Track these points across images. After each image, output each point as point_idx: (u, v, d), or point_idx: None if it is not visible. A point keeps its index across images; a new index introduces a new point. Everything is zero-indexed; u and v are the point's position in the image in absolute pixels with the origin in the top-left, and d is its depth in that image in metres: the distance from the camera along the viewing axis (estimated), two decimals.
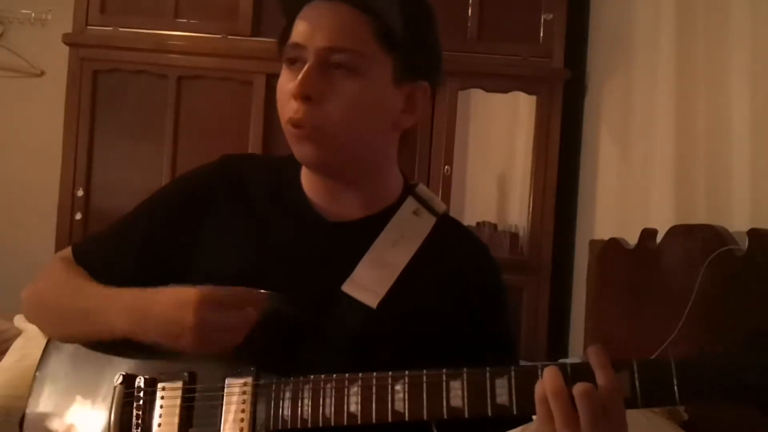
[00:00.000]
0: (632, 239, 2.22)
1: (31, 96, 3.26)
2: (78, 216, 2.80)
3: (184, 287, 0.92)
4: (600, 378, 0.77)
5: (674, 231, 1.94)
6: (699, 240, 1.76)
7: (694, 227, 1.83)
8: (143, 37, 2.82)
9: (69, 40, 2.83)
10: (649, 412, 1.70)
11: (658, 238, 2.03)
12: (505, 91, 2.88)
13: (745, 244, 1.56)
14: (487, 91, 2.88)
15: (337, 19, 0.93)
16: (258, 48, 2.79)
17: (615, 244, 2.34)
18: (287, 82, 0.96)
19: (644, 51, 2.41)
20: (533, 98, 2.85)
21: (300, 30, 0.95)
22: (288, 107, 0.95)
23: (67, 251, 1.10)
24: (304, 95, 0.93)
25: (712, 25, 1.94)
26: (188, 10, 2.87)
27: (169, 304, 0.91)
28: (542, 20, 2.84)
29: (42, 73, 3.27)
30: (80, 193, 2.81)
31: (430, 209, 1.05)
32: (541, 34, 2.85)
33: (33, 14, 3.24)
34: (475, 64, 2.82)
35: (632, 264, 2.19)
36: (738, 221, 1.71)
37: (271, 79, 2.79)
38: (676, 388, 0.75)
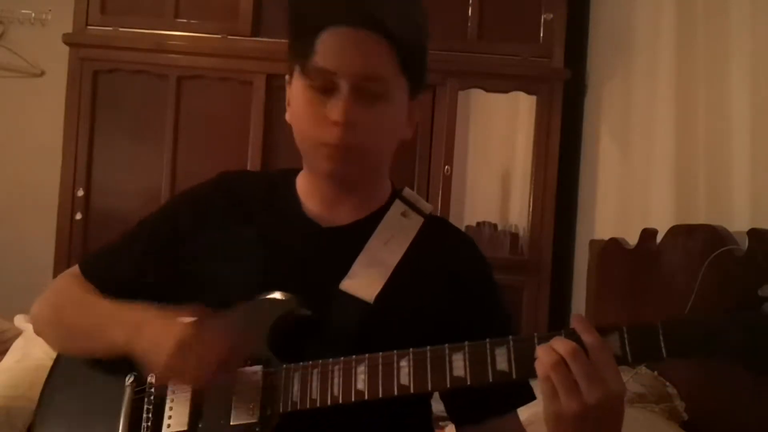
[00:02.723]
0: (632, 239, 2.22)
1: (31, 96, 3.26)
2: (78, 216, 2.80)
3: (179, 316, 0.96)
4: (586, 338, 0.83)
5: (674, 231, 1.94)
6: (699, 240, 1.76)
7: (694, 227, 1.83)
8: (143, 37, 2.83)
9: (69, 40, 2.83)
10: (648, 412, 1.70)
11: (658, 238, 2.03)
12: (505, 91, 2.88)
13: (745, 244, 1.57)
14: (487, 91, 2.88)
15: (367, 48, 0.97)
16: (258, 48, 2.80)
17: (615, 244, 2.34)
18: (316, 105, 0.99)
19: (644, 51, 2.41)
20: (533, 98, 2.85)
21: (329, 55, 0.97)
22: (322, 131, 0.98)
23: (75, 269, 1.15)
24: (346, 123, 0.97)
25: (712, 25, 1.94)
26: (188, 10, 2.87)
27: (156, 329, 0.96)
28: (542, 20, 2.84)
29: (42, 73, 3.27)
30: (80, 193, 2.81)
31: (418, 210, 1.11)
32: (541, 34, 2.85)
33: (33, 14, 3.24)
34: (475, 64, 2.82)
35: (632, 264, 2.19)
36: (738, 221, 1.71)
37: (271, 79, 2.79)
38: (662, 343, 0.81)
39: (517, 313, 2.73)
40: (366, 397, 0.91)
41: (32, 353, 2.01)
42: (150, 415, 1.01)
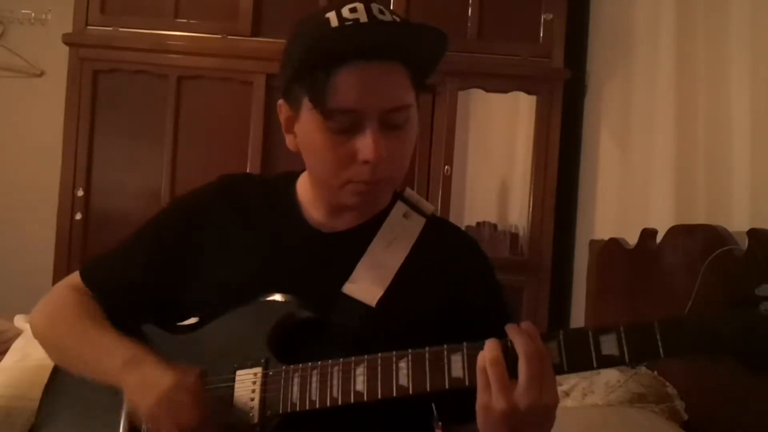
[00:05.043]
0: (632, 239, 2.22)
1: (31, 96, 3.27)
2: (78, 216, 2.80)
3: (169, 370, 0.97)
4: (532, 346, 0.84)
5: (674, 231, 1.94)
6: (699, 240, 1.76)
7: (694, 227, 1.83)
8: (143, 37, 2.83)
9: (69, 40, 2.83)
10: (648, 412, 1.70)
11: (658, 238, 2.03)
12: (505, 91, 2.88)
13: (745, 244, 1.57)
14: (487, 91, 2.88)
15: (388, 80, 0.94)
16: (258, 48, 2.80)
17: (615, 244, 2.34)
18: (339, 146, 0.95)
19: (644, 51, 2.41)
20: (533, 98, 2.85)
21: (351, 95, 0.92)
22: (350, 170, 0.96)
23: (75, 276, 1.14)
24: (379, 161, 0.94)
25: (712, 25, 1.94)
26: (188, 10, 2.87)
27: (147, 370, 0.98)
28: (542, 20, 2.84)
29: (42, 73, 3.28)
30: (80, 193, 2.81)
31: (419, 211, 1.10)
32: (541, 34, 2.85)
33: (33, 14, 3.25)
34: (475, 64, 2.82)
35: (632, 264, 2.19)
36: (738, 221, 1.71)
37: (271, 79, 2.79)
38: (659, 343, 0.81)
39: (516, 313, 2.72)
40: (365, 398, 0.90)
41: (32, 353, 2.01)
42: None
